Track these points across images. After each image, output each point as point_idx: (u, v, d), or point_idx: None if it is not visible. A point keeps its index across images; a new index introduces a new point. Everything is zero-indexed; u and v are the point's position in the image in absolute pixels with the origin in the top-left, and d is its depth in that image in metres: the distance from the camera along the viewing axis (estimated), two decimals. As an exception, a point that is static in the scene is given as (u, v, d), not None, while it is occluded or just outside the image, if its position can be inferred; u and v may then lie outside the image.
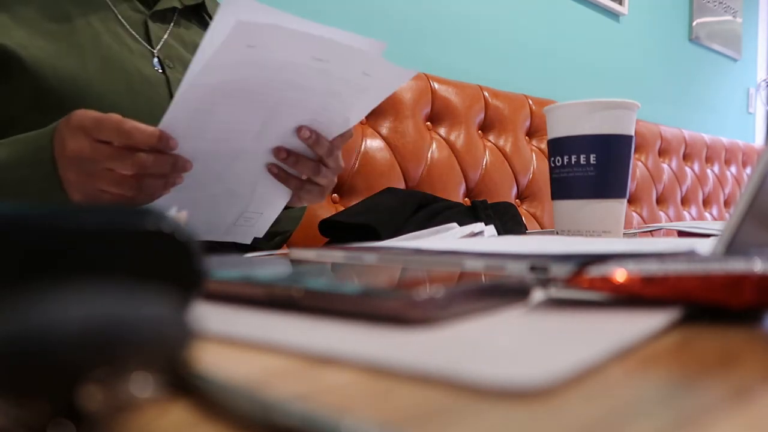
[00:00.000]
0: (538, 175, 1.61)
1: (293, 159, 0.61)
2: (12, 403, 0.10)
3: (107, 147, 0.50)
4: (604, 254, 0.28)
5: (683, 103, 2.63)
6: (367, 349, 0.17)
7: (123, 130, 0.49)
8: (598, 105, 0.61)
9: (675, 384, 0.14)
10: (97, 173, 0.50)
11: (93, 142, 0.49)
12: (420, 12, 1.56)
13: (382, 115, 1.29)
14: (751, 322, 0.21)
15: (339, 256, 0.36)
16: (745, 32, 3.07)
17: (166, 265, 0.17)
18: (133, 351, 0.11)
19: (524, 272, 0.27)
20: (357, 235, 0.89)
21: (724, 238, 0.25)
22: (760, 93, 3.19)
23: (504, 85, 1.68)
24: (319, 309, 0.22)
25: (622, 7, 2.21)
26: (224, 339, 0.19)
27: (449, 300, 0.20)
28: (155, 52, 0.71)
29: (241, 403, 0.12)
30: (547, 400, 0.13)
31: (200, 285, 0.18)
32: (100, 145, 0.49)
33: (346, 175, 1.19)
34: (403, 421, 0.12)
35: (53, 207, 0.16)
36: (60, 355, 0.10)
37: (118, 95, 0.65)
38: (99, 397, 0.11)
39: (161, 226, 0.17)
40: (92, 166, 0.50)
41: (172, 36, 0.74)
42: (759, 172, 0.24)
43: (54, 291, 0.12)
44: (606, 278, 0.22)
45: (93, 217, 0.16)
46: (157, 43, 0.72)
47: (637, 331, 0.18)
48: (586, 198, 0.62)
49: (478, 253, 0.32)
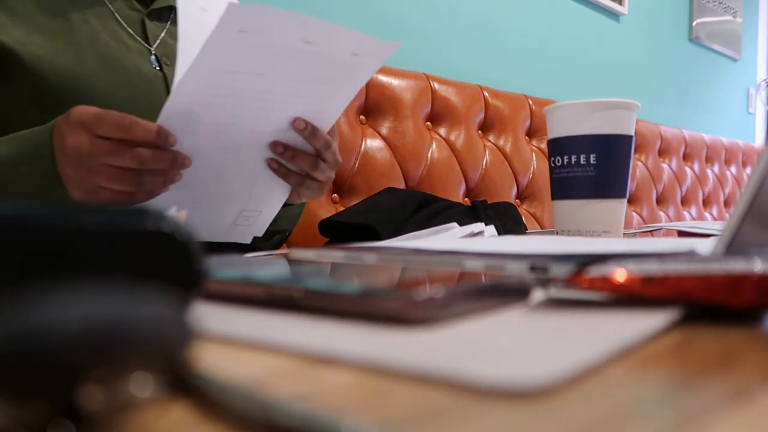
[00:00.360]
0: (538, 175, 1.61)
1: (290, 153, 0.60)
2: (12, 403, 0.10)
3: (106, 142, 0.49)
4: (604, 254, 0.28)
5: (683, 103, 2.63)
6: (367, 349, 0.17)
7: (122, 125, 0.49)
8: (598, 105, 0.61)
9: (675, 384, 0.14)
10: (96, 168, 0.50)
11: (92, 137, 0.49)
12: (420, 12, 1.56)
13: (382, 115, 1.29)
14: (751, 322, 0.21)
15: (339, 256, 0.36)
16: (745, 32, 3.07)
17: (166, 265, 0.17)
18: (133, 351, 0.11)
19: (524, 272, 0.27)
20: (357, 235, 0.89)
21: (724, 238, 0.25)
22: (760, 93, 3.19)
23: (504, 85, 1.68)
24: (319, 309, 0.22)
25: (622, 7, 2.21)
26: (224, 339, 0.19)
27: (449, 300, 0.20)
28: (152, 49, 0.71)
29: (241, 403, 0.12)
30: (547, 400, 0.13)
31: (200, 285, 0.18)
32: (99, 140, 0.49)
33: (346, 175, 1.19)
34: (403, 421, 0.12)
35: (53, 207, 0.16)
36: (60, 355, 0.10)
37: (116, 92, 0.65)
38: (99, 397, 0.11)
39: (161, 226, 0.17)
40: (91, 162, 0.50)
41: (168, 34, 0.74)
42: (759, 172, 0.24)
43: (54, 291, 0.12)
44: (606, 278, 0.22)
45: (93, 217, 0.16)
46: (154, 41, 0.72)
47: (637, 331, 0.18)
48: (586, 198, 0.62)
49: (478, 253, 0.32)
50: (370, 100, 1.26)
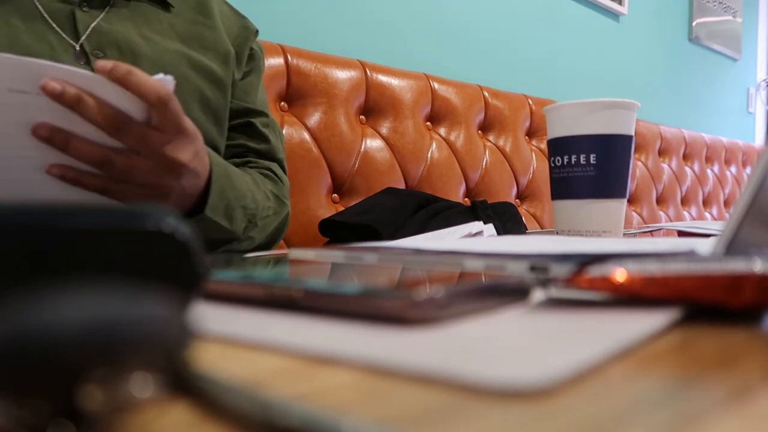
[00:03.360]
0: (538, 175, 1.61)
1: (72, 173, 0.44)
2: (12, 403, 0.10)
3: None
4: (604, 254, 0.28)
5: (683, 103, 2.63)
6: (367, 349, 0.17)
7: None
8: (598, 105, 0.61)
9: (675, 384, 0.14)
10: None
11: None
12: (420, 12, 1.56)
13: (382, 115, 1.29)
14: (751, 322, 0.21)
15: (339, 256, 0.36)
16: (745, 32, 3.07)
17: (166, 265, 0.17)
18: (133, 351, 0.11)
19: (524, 272, 0.27)
20: (357, 235, 0.89)
21: (724, 238, 0.25)
22: (760, 93, 3.19)
23: (504, 85, 1.68)
24: (319, 309, 0.22)
25: (622, 7, 2.21)
26: (224, 339, 0.19)
27: (449, 300, 0.20)
28: (78, 44, 0.63)
29: (241, 403, 0.12)
30: (547, 400, 0.13)
31: (200, 285, 0.18)
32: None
33: (346, 175, 1.19)
34: (403, 421, 0.12)
35: (53, 207, 0.16)
36: (60, 355, 0.10)
37: None
38: (99, 397, 0.11)
39: (161, 226, 0.17)
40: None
41: (107, 20, 0.65)
42: (759, 172, 0.24)
43: (54, 291, 0.12)
44: (606, 278, 0.22)
45: (93, 217, 0.16)
46: (83, 32, 0.63)
47: (637, 331, 0.18)
48: (586, 198, 0.62)
49: (478, 253, 0.32)
50: (370, 100, 1.26)
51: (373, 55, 1.39)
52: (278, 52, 1.12)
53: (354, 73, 1.23)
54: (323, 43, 1.33)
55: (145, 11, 0.69)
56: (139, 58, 0.65)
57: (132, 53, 0.64)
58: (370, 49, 1.43)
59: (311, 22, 1.33)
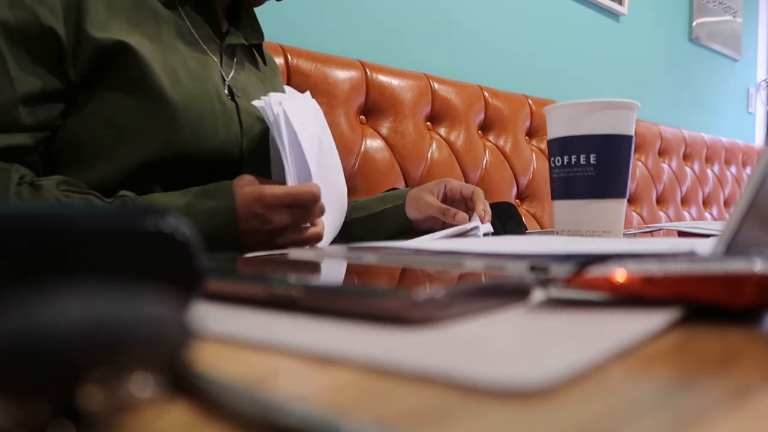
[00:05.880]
0: (538, 175, 1.61)
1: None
2: (12, 403, 0.10)
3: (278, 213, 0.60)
4: (604, 254, 0.28)
5: (683, 103, 2.63)
6: (367, 349, 0.17)
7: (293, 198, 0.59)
8: (598, 105, 0.61)
9: (675, 384, 0.14)
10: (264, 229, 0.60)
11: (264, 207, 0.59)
12: (420, 12, 1.56)
13: (382, 115, 1.29)
14: (751, 322, 0.21)
15: (339, 256, 0.36)
16: (745, 32, 3.07)
17: (166, 265, 0.17)
18: (133, 351, 0.11)
19: (524, 272, 0.27)
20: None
21: (724, 238, 0.25)
22: (760, 93, 3.19)
23: (504, 85, 1.68)
24: (319, 309, 0.22)
25: (622, 7, 2.21)
26: (224, 339, 0.19)
27: (449, 300, 0.20)
28: (227, 80, 0.74)
29: (241, 403, 0.12)
30: (547, 400, 0.13)
31: (200, 285, 0.18)
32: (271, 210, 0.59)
33: (347, 175, 1.19)
34: (403, 421, 0.12)
35: (53, 208, 0.16)
36: (60, 355, 0.10)
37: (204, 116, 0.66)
38: (99, 397, 0.11)
39: (161, 226, 0.17)
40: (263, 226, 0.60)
41: (235, 70, 0.76)
42: (759, 172, 0.24)
43: (54, 291, 0.12)
44: (606, 278, 0.22)
45: (93, 217, 0.16)
46: (227, 74, 0.75)
47: (637, 331, 0.18)
48: (586, 198, 0.62)
49: (478, 253, 0.32)
50: (370, 100, 1.26)
51: (373, 55, 1.39)
52: (278, 52, 1.12)
53: (354, 73, 1.23)
54: (323, 43, 1.33)
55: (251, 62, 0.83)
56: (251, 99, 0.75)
57: (247, 97, 0.75)
58: (370, 49, 1.43)
59: (311, 22, 1.33)
